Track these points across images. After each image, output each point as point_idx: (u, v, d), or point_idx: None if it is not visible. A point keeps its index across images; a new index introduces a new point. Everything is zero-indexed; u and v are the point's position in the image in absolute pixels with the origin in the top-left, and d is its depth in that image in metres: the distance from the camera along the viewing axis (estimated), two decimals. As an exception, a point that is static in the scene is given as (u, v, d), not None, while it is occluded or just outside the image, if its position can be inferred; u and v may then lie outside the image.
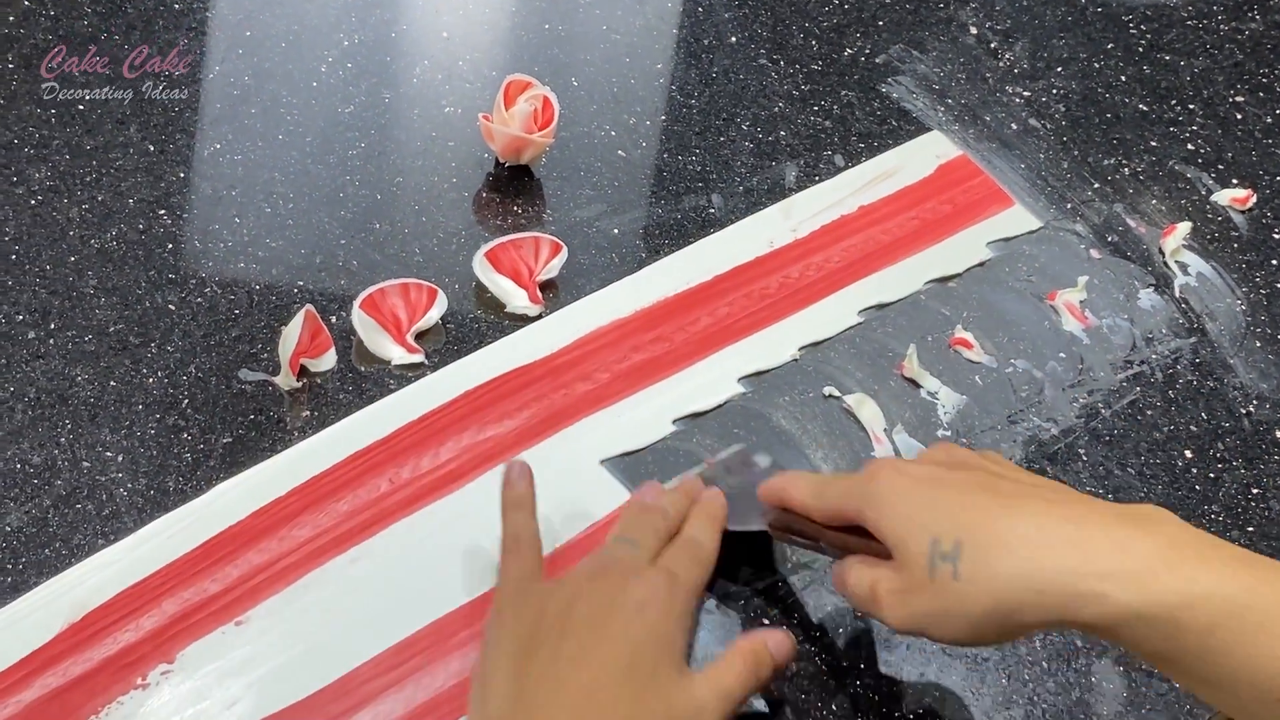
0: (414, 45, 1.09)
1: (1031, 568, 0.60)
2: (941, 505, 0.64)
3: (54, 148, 0.97)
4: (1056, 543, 0.60)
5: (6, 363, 0.85)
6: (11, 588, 0.76)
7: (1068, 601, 0.59)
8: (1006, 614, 0.61)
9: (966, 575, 0.62)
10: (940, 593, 0.63)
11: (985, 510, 0.63)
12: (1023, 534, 0.61)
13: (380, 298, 0.89)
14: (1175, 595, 0.58)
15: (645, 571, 0.71)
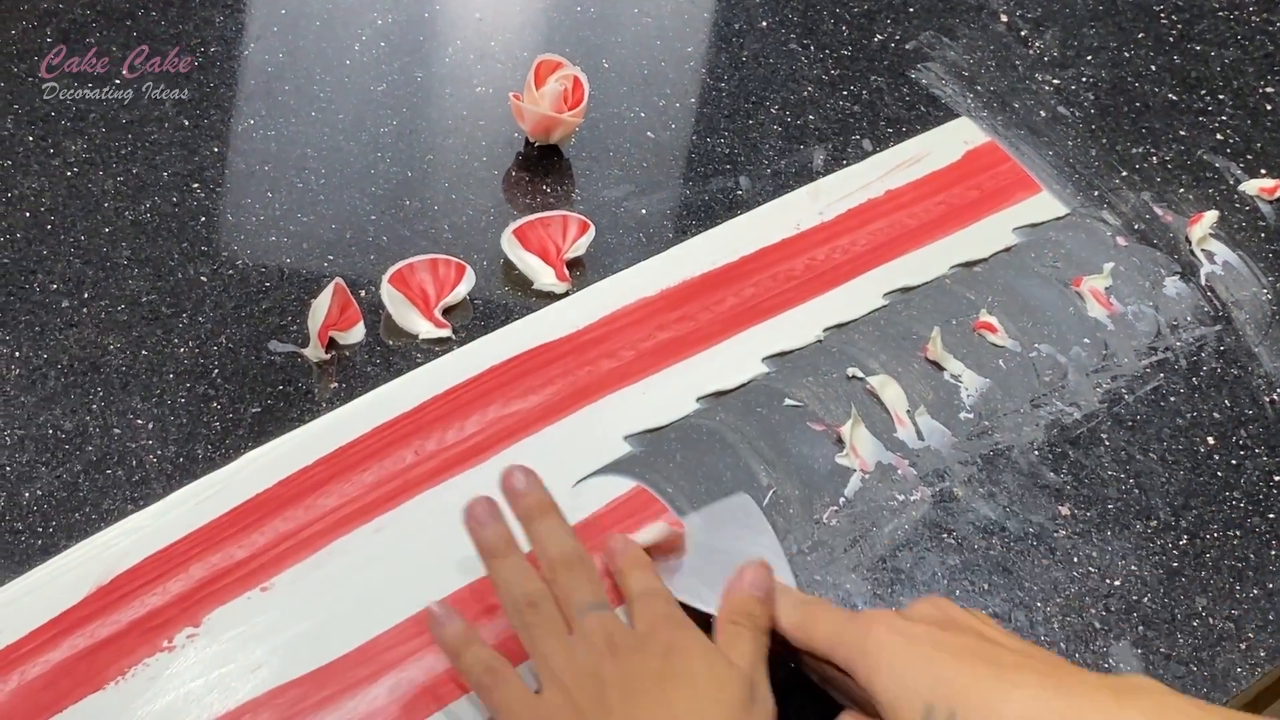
0: (447, 25, 1.10)
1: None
2: (937, 671, 0.64)
3: (90, 120, 0.98)
4: (1049, 716, 0.61)
5: (41, 330, 0.86)
6: (42, 550, 0.77)
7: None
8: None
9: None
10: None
11: (981, 681, 0.63)
12: (1017, 708, 0.62)
13: (409, 273, 0.90)
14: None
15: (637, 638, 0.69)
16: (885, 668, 0.65)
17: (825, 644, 0.69)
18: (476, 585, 0.77)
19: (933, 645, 0.65)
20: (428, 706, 0.73)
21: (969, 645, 0.66)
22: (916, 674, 0.64)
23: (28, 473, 0.80)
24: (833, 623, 0.69)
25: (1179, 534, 0.83)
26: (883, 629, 0.67)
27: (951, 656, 0.65)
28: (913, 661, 0.65)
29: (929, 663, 0.65)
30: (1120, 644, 0.78)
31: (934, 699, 0.63)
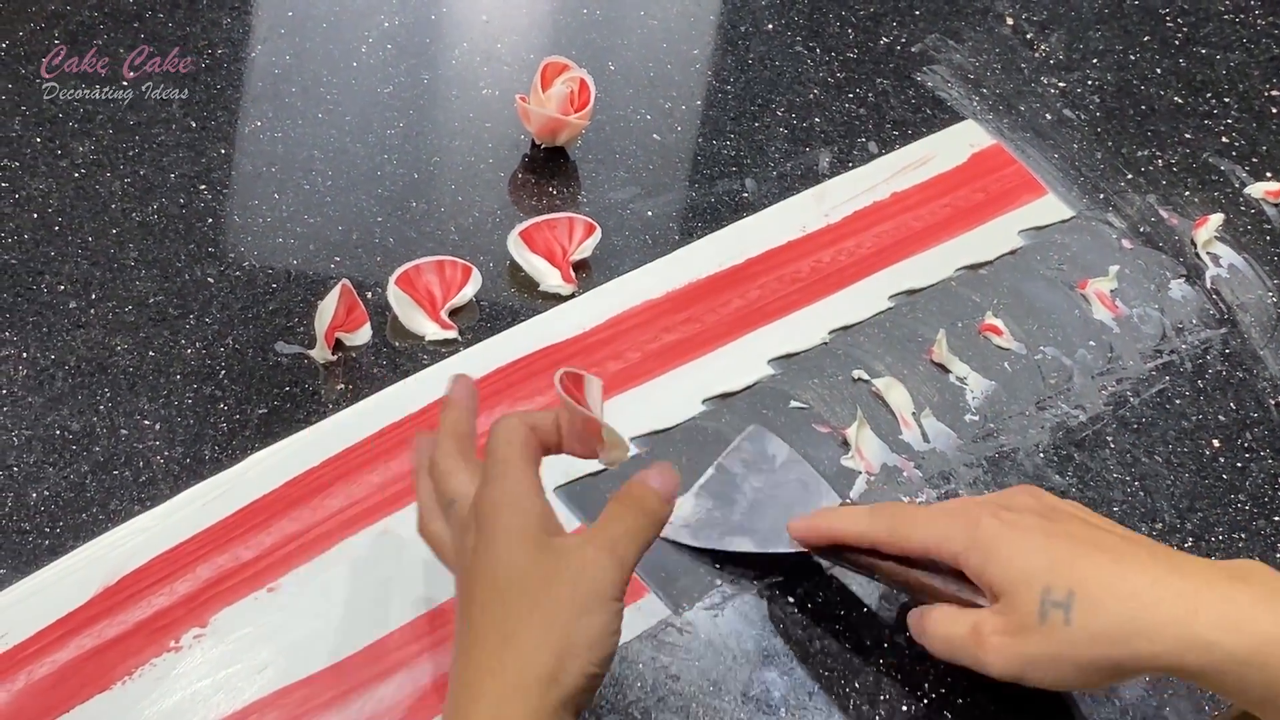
0: (453, 27, 1.10)
1: (1145, 618, 0.63)
2: (1052, 555, 0.66)
3: (98, 122, 0.98)
4: (1167, 595, 0.63)
5: (48, 331, 0.87)
6: (49, 550, 0.77)
7: (1177, 650, 0.62)
8: (1116, 661, 0.64)
9: (1079, 623, 0.64)
10: (1051, 637, 0.65)
11: (1096, 563, 0.65)
12: (1134, 586, 0.64)
13: (415, 274, 0.90)
14: (1272, 642, 0.61)
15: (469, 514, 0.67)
16: (1000, 556, 0.67)
17: (926, 542, 0.70)
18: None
19: (1044, 533, 0.67)
20: (435, 707, 0.73)
21: (1077, 531, 0.68)
22: (1032, 559, 0.66)
23: (35, 473, 0.80)
24: (930, 520, 0.71)
25: (1184, 537, 0.84)
26: (991, 520, 0.68)
27: (1064, 541, 0.67)
28: (1026, 548, 0.67)
29: (1043, 548, 0.66)
30: (1125, 646, 0.78)
31: (1051, 581, 0.65)
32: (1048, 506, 0.70)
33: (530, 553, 0.63)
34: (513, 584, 0.62)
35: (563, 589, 0.62)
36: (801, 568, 0.80)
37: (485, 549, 0.63)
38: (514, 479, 0.65)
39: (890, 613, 0.79)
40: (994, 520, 0.68)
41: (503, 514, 0.64)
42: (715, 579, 0.79)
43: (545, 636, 0.61)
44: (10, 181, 0.94)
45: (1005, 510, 0.69)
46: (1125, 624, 0.63)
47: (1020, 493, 0.72)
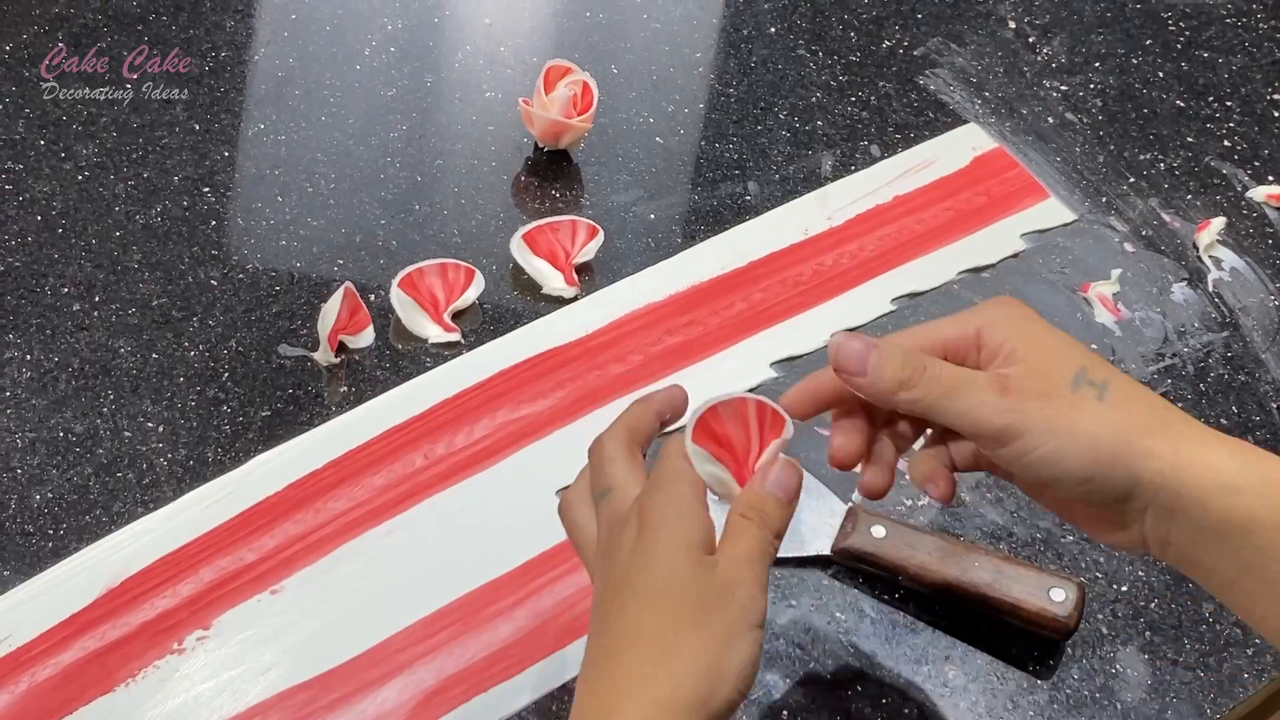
0: (456, 31, 1.10)
1: (1167, 418, 0.60)
2: (1087, 352, 0.63)
3: (101, 124, 0.99)
4: (1178, 420, 0.61)
5: (52, 334, 0.87)
6: (53, 553, 0.78)
7: (1180, 463, 0.59)
8: (1130, 456, 0.59)
9: (1112, 404, 0.60)
10: (1078, 406, 0.60)
11: (1125, 375, 0.62)
12: (1157, 400, 0.62)
13: (419, 277, 0.90)
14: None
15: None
16: (1034, 331, 0.63)
17: (955, 324, 0.64)
18: (485, 588, 0.78)
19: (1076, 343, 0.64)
20: (438, 709, 0.73)
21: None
22: (1067, 345, 0.63)
23: (39, 475, 0.80)
24: (943, 320, 0.65)
25: (1186, 540, 0.84)
26: (1025, 306, 0.65)
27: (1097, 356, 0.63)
28: (1062, 338, 0.63)
29: (1077, 346, 0.63)
30: (1127, 649, 0.78)
31: (1089, 365, 0.61)
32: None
33: (694, 567, 0.60)
34: (672, 595, 0.59)
35: (725, 611, 0.59)
36: (804, 570, 0.80)
37: (648, 553, 0.60)
38: (685, 488, 0.62)
39: (891, 616, 0.79)
40: (1031, 309, 0.65)
41: (670, 521, 0.61)
42: (718, 581, 0.79)
43: (703, 658, 0.58)
44: (14, 184, 0.94)
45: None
46: (1153, 417, 0.60)
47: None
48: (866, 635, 0.78)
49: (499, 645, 0.76)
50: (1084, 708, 0.76)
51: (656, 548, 0.60)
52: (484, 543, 0.80)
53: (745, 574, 0.60)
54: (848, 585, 0.80)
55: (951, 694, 0.76)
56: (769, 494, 0.63)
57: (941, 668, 0.77)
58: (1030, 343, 0.62)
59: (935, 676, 0.76)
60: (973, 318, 0.64)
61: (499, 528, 0.80)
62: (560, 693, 0.74)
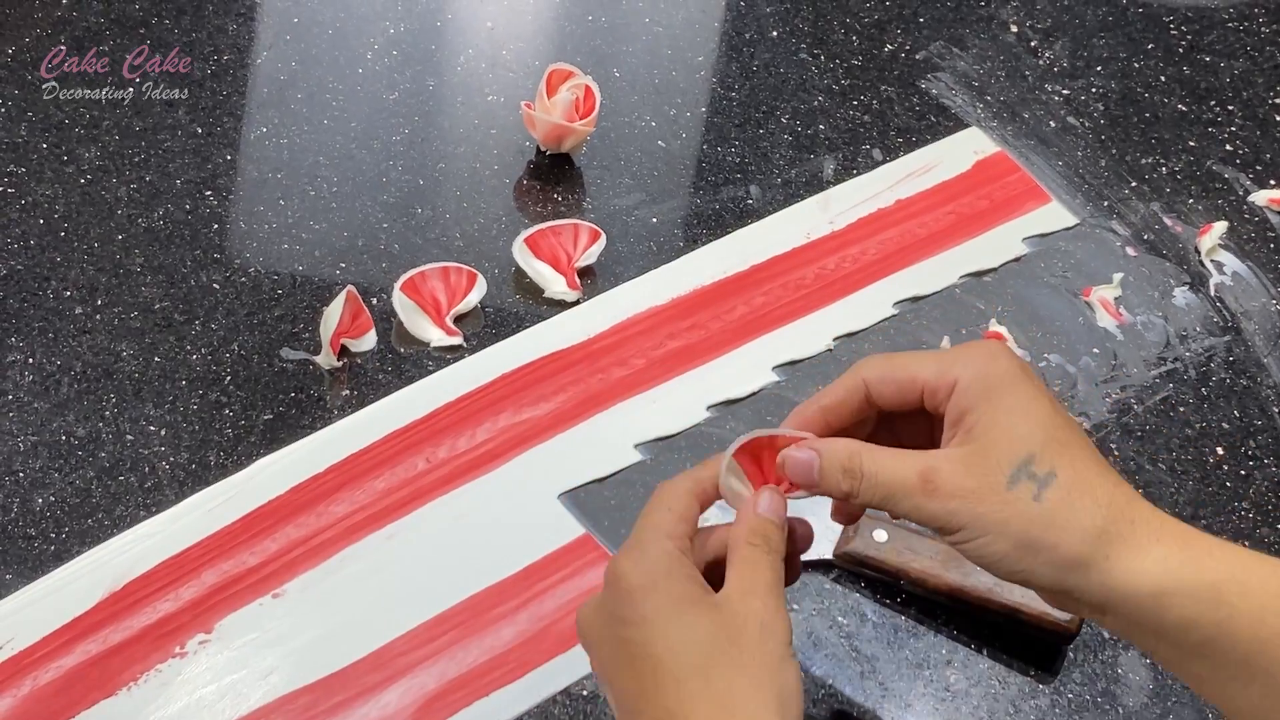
0: (458, 34, 1.10)
1: (1109, 530, 0.59)
2: (1051, 430, 0.61)
3: (104, 128, 0.99)
4: (1136, 519, 0.59)
5: (54, 337, 0.87)
6: (54, 556, 0.77)
7: (1125, 570, 0.58)
8: (1059, 560, 0.59)
9: (1048, 504, 0.59)
10: (1009, 506, 0.59)
11: (1087, 460, 0.60)
12: (1112, 497, 0.60)
13: (421, 280, 0.90)
14: (1230, 579, 0.58)
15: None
16: (1003, 402, 0.61)
17: (928, 371, 0.63)
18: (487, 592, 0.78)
19: (1054, 407, 0.62)
20: (440, 713, 0.73)
21: (1073, 421, 0.63)
22: (1030, 421, 0.60)
23: (41, 479, 0.80)
24: (930, 355, 0.64)
25: (1188, 544, 0.83)
26: (1011, 364, 0.62)
27: (1068, 425, 0.61)
28: (1032, 409, 0.61)
29: (1046, 419, 0.61)
30: (1129, 654, 0.78)
31: (1039, 452, 0.60)
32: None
33: (704, 616, 0.59)
34: (701, 648, 0.58)
35: (765, 644, 0.59)
36: (806, 574, 0.80)
37: (654, 623, 0.59)
38: (664, 545, 0.61)
39: (893, 620, 0.79)
40: (1012, 361, 0.62)
41: (661, 582, 0.60)
42: (719, 586, 0.79)
43: (761, 692, 0.58)
44: (16, 187, 0.94)
45: (1022, 363, 0.63)
46: (1090, 530, 0.59)
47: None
48: (868, 639, 0.78)
49: (501, 649, 0.76)
50: (1085, 712, 0.76)
51: (661, 616, 0.59)
52: (486, 546, 0.80)
53: (765, 601, 0.60)
54: (849, 589, 0.80)
55: (953, 698, 0.76)
56: (767, 519, 0.63)
57: (943, 672, 0.77)
58: (988, 421, 0.61)
59: (937, 680, 0.76)
60: (952, 367, 0.63)
61: (501, 531, 0.80)
62: (562, 697, 0.74)
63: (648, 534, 0.62)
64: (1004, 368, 0.62)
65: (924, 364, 0.63)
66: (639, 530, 0.63)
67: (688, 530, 0.63)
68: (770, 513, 0.63)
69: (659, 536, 0.62)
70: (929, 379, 0.63)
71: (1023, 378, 0.62)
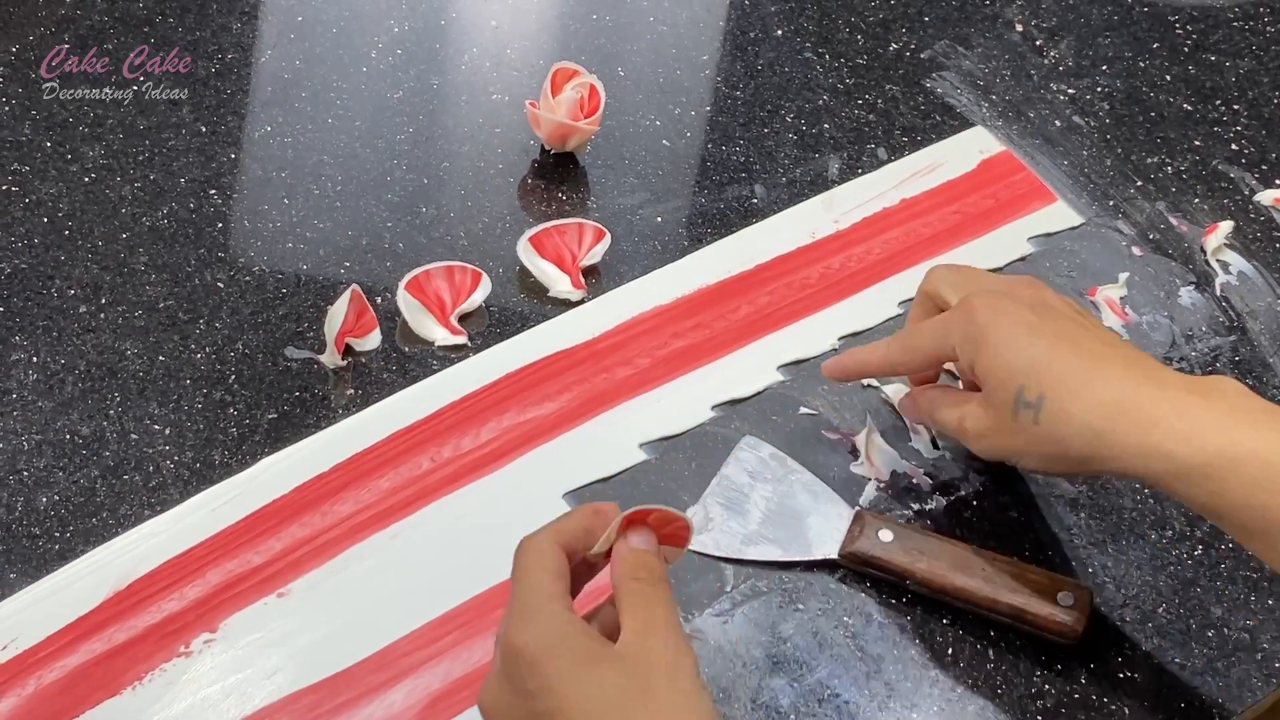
0: (463, 33, 1.10)
1: (1106, 430, 0.68)
2: (1031, 355, 0.70)
3: (108, 126, 0.99)
4: (1131, 408, 0.68)
5: (58, 336, 0.87)
6: (59, 555, 0.77)
7: (1137, 457, 0.67)
8: (1078, 460, 0.70)
9: (1046, 424, 0.69)
10: (1020, 434, 0.70)
11: (1071, 368, 0.69)
12: (1101, 397, 0.68)
13: (425, 280, 0.90)
14: (1220, 455, 0.65)
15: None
16: (987, 349, 0.71)
17: (932, 344, 0.76)
18: (491, 591, 0.78)
19: (1029, 329, 0.71)
20: (445, 712, 0.73)
21: (1062, 330, 0.72)
22: (1013, 355, 0.70)
23: (45, 478, 0.80)
24: (935, 322, 0.76)
25: (1194, 544, 0.83)
26: (986, 309, 0.72)
27: (1047, 341, 0.71)
28: (1012, 344, 0.71)
29: (1025, 346, 0.70)
30: (1136, 654, 0.78)
31: (1026, 380, 0.70)
32: (1041, 301, 0.74)
33: (610, 670, 0.59)
34: (613, 704, 0.58)
35: (676, 684, 0.59)
36: (812, 574, 0.80)
37: (560, 693, 0.58)
38: (547, 610, 0.61)
39: (899, 620, 0.79)
40: (988, 309, 0.72)
41: (559, 650, 0.59)
42: (724, 586, 0.79)
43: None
44: (20, 186, 0.94)
45: (1003, 298, 0.73)
46: (1087, 433, 0.68)
47: (1022, 282, 0.77)
48: (874, 639, 0.78)
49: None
50: (1091, 713, 0.76)
51: (567, 679, 0.59)
52: (491, 546, 0.79)
53: (665, 639, 0.60)
54: (855, 589, 0.80)
55: (959, 698, 0.76)
56: (644, 551, 0.64)
57: (949, 672, 0.77)
58: (985, 366, 0.72)
59: (943, 681, 0.76)
60: (947, 336, 0.74)
61: (506, 531, 0.79)
62: (567, 697, 0.74)
63: (532, 599, 0.61)
64: (981, 319, 0.72)
65: (925, 334, 0.76)
66: (520, 597, 0.62)
67: (566, 585, 0.63)
68: (645, 544, 0.64)
69: (544, 600, 0.61)
70: (932, 349, 0.76)
71: (996, 320, 0.72)
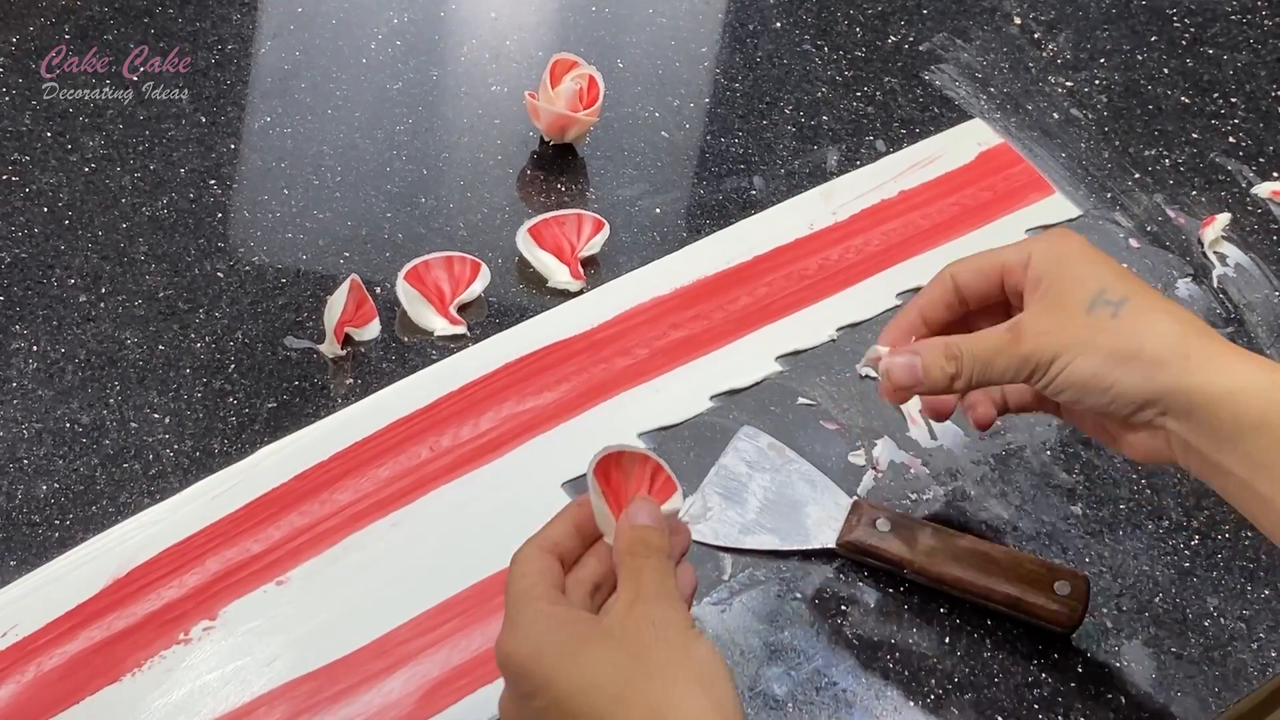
0: (462, 24, 1.10)
1: (1188, 332, 0.66)
2: (1119, 273, 0.69)
3: (108, 117, 0.99)
4: (1211, 335, 0.67)
5: (58, 325, 0.87)
6: (59, 543, 0.78)
7: (1202, 383, 0.64)
8: (1142, 365, 0.65)
9: (1126, 319, 0.66)
10: (1093, 325, 0.66)
11: (1153, 292, 0.69)
12: (1181, 315, 0.67)
13: (424, 270, 0.91)
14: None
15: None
16: (1073, 263, 0.69)
17: (1012, 258, 0.72)
18: (490, 580, 0.78)
19: (1117, 264, 0.70)
20: (443, 700, 0.73)
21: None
22: (1099, 270, 0.69)
23: (45, 466, 0.81)
24: (1010, 247, 0.73)
25: (1190, 534, 0.84)
26: (1068, 236, 0.71)
27: (1132, 276, 0.70)
28: (1099, 266, 0.69)
29: (1113, 270, 0.69)
30: (1132, 643, 0.78)
31: (1109, 285, 0.68)
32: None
33: (598, 648, 0.59)
34: (608, 678, 0.58)
35: (665, 639, 0.59)
36: (809, 564, 0.80)
37: (555, 684, 0.59)
38: (529, 611, 0.61)
39: (895, 610, 0.79)
40: (1079, 239, 0.71)
41: (545, 646, 0.59)
42: (722, 575, 0.80)
43: (677, 688, 0.58)
44: (21, 175, 0.95)
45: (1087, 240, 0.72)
46: (1170, 337, 0.66)
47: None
48: (871, 628, 0.78)
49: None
50: (1087, 702, 0.76)
51: (558, 670, 0.59)
52: (489, 535, 0.80)
53: (652, 603, 0.60)
54: (852, 578, 0.80)
55: (955, 687, 0.76)
56: (642, 527, 0.64)
57: (945, 661, 0.77)
58: (1057, 273, 0.69)
59: (939, 669, 0.77)
60: (1027, 245, 0.71)
61: (504, 520, 0.80)
62: (565, 684, 0.74)
63: (515, 606, 0.62)
64: (1072, 241, 0.71)
65: (1003, 250, 0.72)
66: (508, 608, 0.62)
67: (554, 581, 0.63)
68: (646, 519, 0.64)
69: (526, 603, 0.61)
70: (1008, 259, 0.71)
71: (1089, 247, 0.70)
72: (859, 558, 0.80)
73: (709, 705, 0.57)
